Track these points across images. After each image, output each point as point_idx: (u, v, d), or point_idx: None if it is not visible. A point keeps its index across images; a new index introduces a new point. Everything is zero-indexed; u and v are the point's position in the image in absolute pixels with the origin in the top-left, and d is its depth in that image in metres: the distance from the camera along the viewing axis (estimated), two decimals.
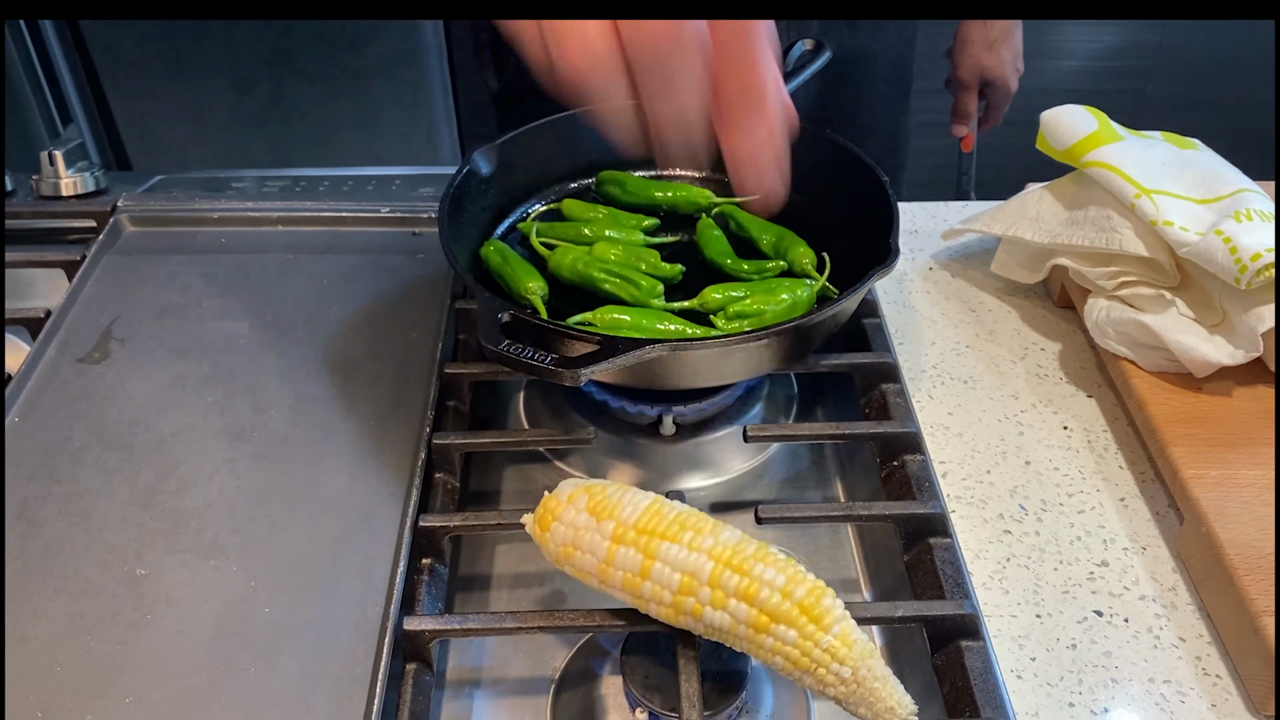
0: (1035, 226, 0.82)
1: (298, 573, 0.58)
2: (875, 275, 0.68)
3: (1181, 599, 0.63)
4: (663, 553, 0.51)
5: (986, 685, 0.54)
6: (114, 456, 0.65)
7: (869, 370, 0.73)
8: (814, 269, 0.76)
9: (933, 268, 0.91)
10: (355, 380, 0.71)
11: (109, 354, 0.73)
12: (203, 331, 0.75)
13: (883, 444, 0.68)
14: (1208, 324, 0.73)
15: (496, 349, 0.63)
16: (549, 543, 0.54)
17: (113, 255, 0.82)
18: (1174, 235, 0.72)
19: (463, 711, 0.61)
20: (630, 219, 0.82)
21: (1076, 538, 0.67)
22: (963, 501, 0.70)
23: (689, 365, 0.66)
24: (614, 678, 0.60)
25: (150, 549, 0.60)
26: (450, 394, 0.71)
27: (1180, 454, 0.67)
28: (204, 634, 0.55)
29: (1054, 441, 0.74)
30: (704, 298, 0.73)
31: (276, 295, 0.78)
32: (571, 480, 0.56)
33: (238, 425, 0.67)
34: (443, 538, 0.62)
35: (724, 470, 0.75)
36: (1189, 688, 0.58)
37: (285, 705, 0.52)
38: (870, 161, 0.78)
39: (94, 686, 0.53)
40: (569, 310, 0.74)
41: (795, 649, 0.48)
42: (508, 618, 0.57)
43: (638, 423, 0.75)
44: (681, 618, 0.51)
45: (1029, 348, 0.82)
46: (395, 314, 0.76)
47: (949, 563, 0.61)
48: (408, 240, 0.84)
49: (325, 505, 0.62)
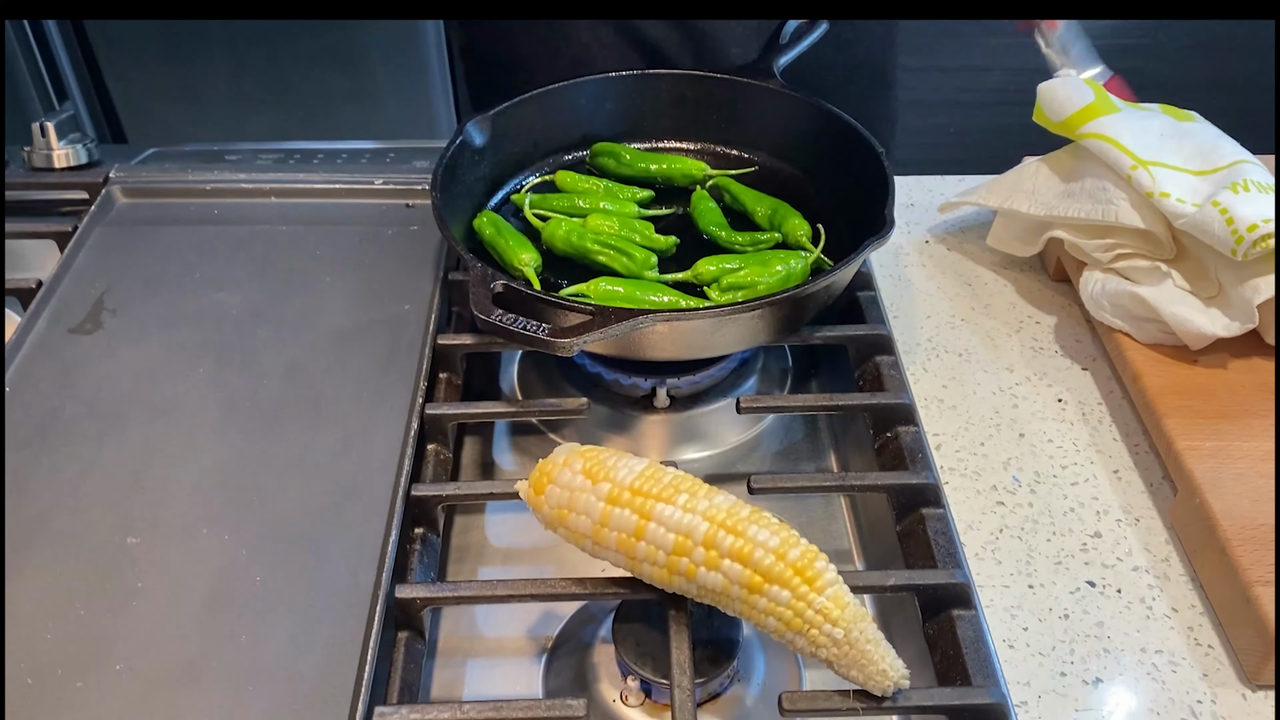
0: (1031, 199, 0.82)
1: (289, 542, 0.58)
2: (870, 246, 0.68)
3: (1174, 570, 0.63)
4: (658, 513, 0.51)
5: (978, 654, 0.54)
6: (105, 426, 0.65)
7: (863, 342, 0.73)
8: (808, 241, 0.76)
9: (928, 241, 0.91)
10: (348, 351, 0.70)
11: (101, 324, 0.72)
12: (195, 302, 0.74)
13: (876, 415, 0.68)
14: (1203, 296, 0.73)
15: (489, 319, 0.63)
16: (543, 505, 0.54)
17: (105, 226, 0.82)
18: (1171, 207, 0.72)
19: (455, 680, 0.61)
20: (624, 191, 0.82)
21: (1070, 509, 0.67)
22: (956, 473, 0.69)
23: (682, 337, 0.66)
24: (606, 646, 0.60)
25: (141, 518, 0.59)
26: (443, 365, 0.71)
27: (1175, 426, 0.67)
28: (195, 603, 0.55)
29: (1048, 414, 0.74)
30: (698, 269, 0.73)
31: (269, 266, 0.78)
32: (567, 445, 0.56)
33: (229, 395, 0.67)
34: (435, 507, 0.62)
35: (717, 442, 0.75)
36: (1181, 658, 0.58)
37: (276, 673, 0.52)
38: (866, 132, 0.78)
39: (85, 655, 0.53)
40: (562, 282, 0.74)
41: (788, 610, 0.48)
42: (500, 585, 0.57)
43: (631, 395, 0.75)
44: (675, 579, 0.51)
45: (1024, 321, 0.82)
46: (388, 285, 0.75)
47: (941, 533, 0.61)
48: (401, 212, 0.83)
49: (317, 475, 0.62)
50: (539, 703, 0.51)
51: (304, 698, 0.51)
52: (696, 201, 0.80)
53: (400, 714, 0.51)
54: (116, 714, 0.50)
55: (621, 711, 0.57)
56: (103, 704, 0.50)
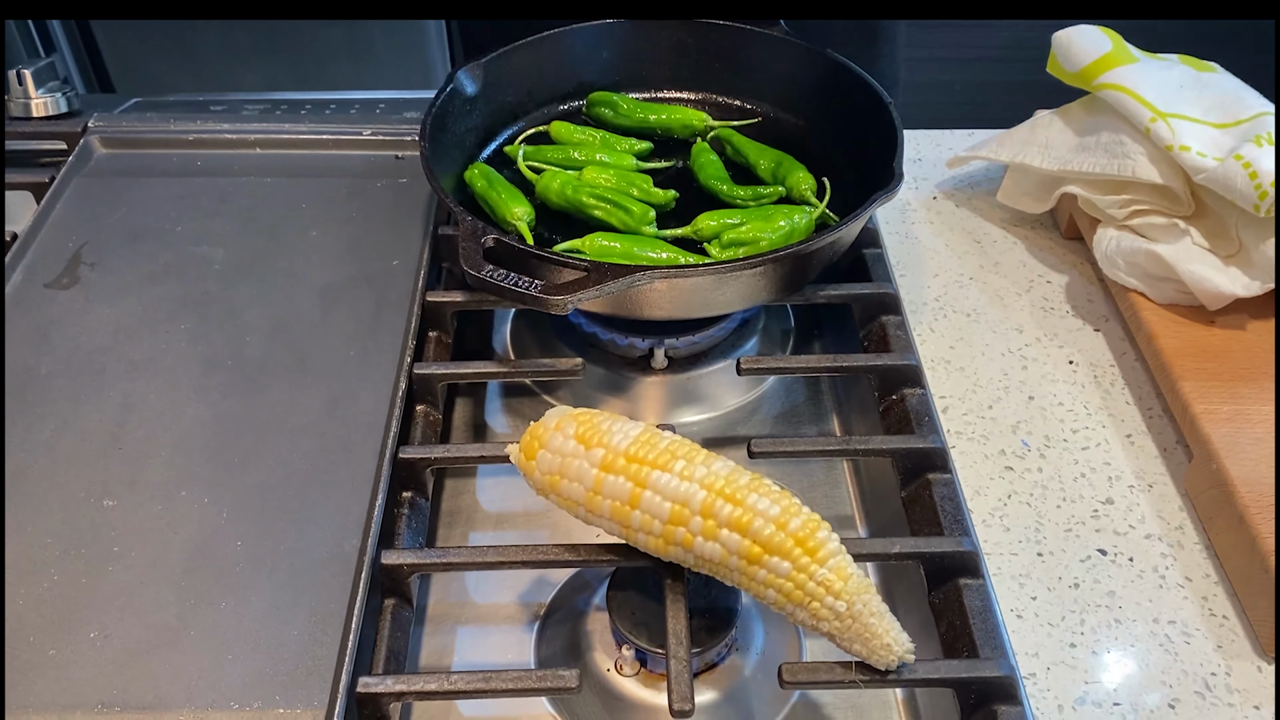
0: (1044, 153, 0.79)
1: (271, 505, 0.56)
2: (878, 200, 0.65)
3: (1188, 538, 0.61)
4: (653, 481, 0.48)
5: (986, 624, 0.52)
6: (82, 385, 0.62)
7: (869, 301, 0.70)
8: (813, 195, 0.73)
9: (936, 197, 0.88)
10: (334, 308, 0.68)
11: (78, 279, 0.70)
12: (176, 256, 0.72)
13: (882, 377, 0.66)
14: (1223, 254, 0.70)
15: (479, 275, 0.61)
16: (534, 471, 0.52)
17: (83, 178, 0.79)
18: (1190, 161, 0.69)
19: (445, 647, 0.60)
20: (622, 142, 0.79)
21: (1081, 474, 0.65)
22: (963, 437, 0.67)
23: (681, 295, 0.64)
24: (600, 614, 0.58)
25: (119, 479, 0.57)
26: (432, 323, 0.68)
27: (1191, 389, 0.65)
28: (173, 567, 0.53)
29: (1059, 376, 0.71)
30: (698, 225, 0.70)
31: (253, 219, 0.75)
32: (560, 408, 0.54)
33: (211, 353, 0.65)
34: (423, 470, 0.60)
35: (717, 405, 0.73)
36: (1194, 628, 0.57)
37: (257, 640, 0.50)
38: (873, 82, 0.75)
39: (58, 621, 0.51)
40: (556, 237, 0.72)
41: (788, 581, 0.46)
42: (490, 552, 0.55)
43: (628, 355, 0.72)
44: (671, 549, 0.49)
45: (1034, 280, 0.80)
46: (376, 240, 0.73)
47: (948, 499, 0.58)
48: (390, 164, 0.80)
49: (301, 436, 0.60)
50: (529, 673, 0.50)
51: (286, 666, 0.49)
52: (697, 154, 0.77)
53: (385, 684, 0.49)
54: (91, 682, 0.48)
55: (616, 681, 0.56)
56: (77, 671, 0.49)
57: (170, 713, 0.47)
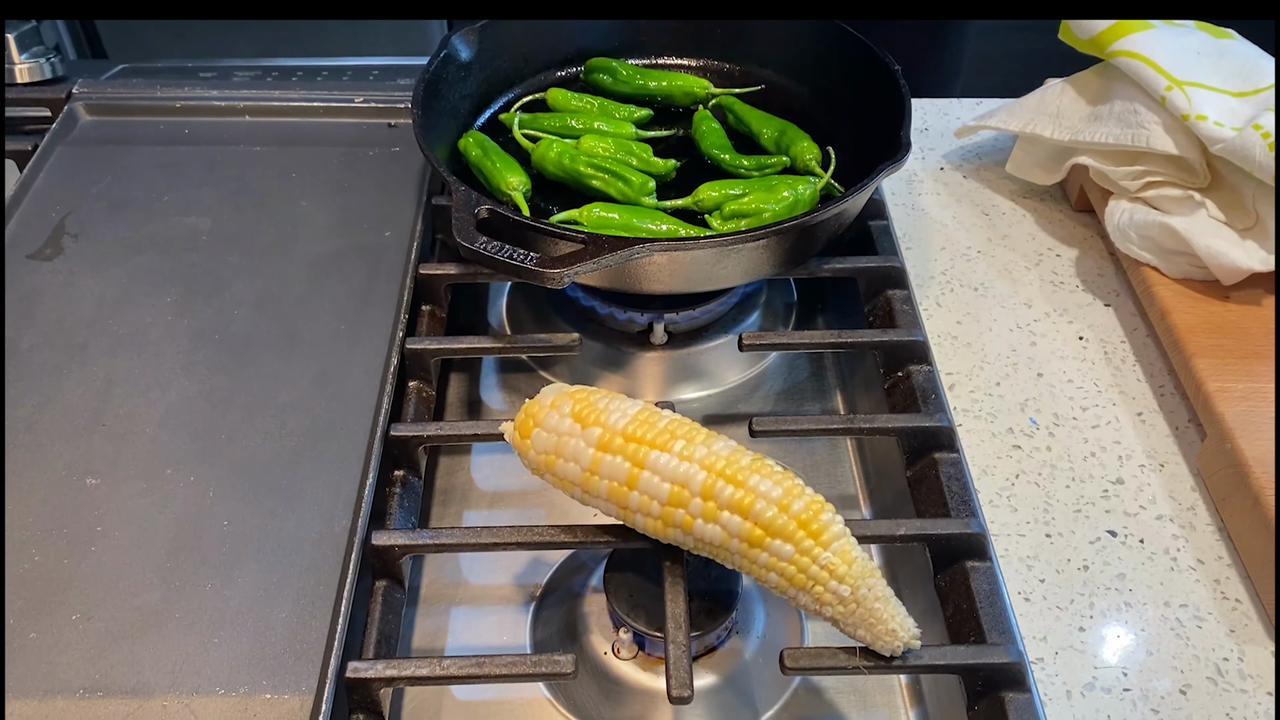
0: (1055, 123, 0.77)
1: (259, 483, 0.55)
2: (884, 171, 0.63)
3: (1200, 519, 0.60)
4: (652, 461, 0.47)
5: (993, 608, 0.51)
6: (65, 359, 0.61)
7: (874, 275, 0.69)
8: (818, 165, 0.71)
9: (944, 168, 0.86)
10: (324, 280, 0.66)
11: (61, 250, 0.68)
12: (162, 227, 0.70)
13: (887, 353, 0.64)
14: (1239, 227, 0.68)
15: (473, 247, 0.59)
16: (529, 450, 0.50)
17: (67, 145, 0.77)
18: (1207, 131, 0.67)
19: (439, 628, 0.58)
20: (621, 110, 0.77)
21: (1090, 454, 0.63)
22: (970, 415, 0.66)
23: (681, 268, 0.62)
24: (597, 596, 0.56)
25: (102, 457, 0.56)
26: (425, 297, 0.66)
27: (1205, 366, 0.63)
28: (158, 547, 0.52)
29: (1068, 352, 0.70)
30: (699, 195, 0.68)
31: (242, 189, 0.73)
32: (555, 385, 0.52)
33: (198, 326, 0.63)
34: (416, 448, 0.58)
35: (717, 381, 0.71)
36: (1207, 612, 0.55)
37: (244, 622, 0.49)
38: (879, 50, 0.73)
39: (39, 602, 0.49)
40: (553, 208, 0.70)
41: (791, 565, 0.44)
42: (484, 533, 0.53)
43: (627, 330, 0.71)
44: (670, 531, 0.47)
45: (1044, 253, 0.78)
46: (368, 210, 0.71)
47: (955, 479, 0.57)
48: (383, 132, 0.78)
49: (289, 412, 0.58)
50: (524, 658, 0.48)
51: (273, 650, 0.48)
52: (698, 122, 0.75)
53: (376, 669, 0.48)
54: (73, 666, 0.47)
55: (613, 665, 0.54)
56: (59, 655, 0.47)
57: (155, 698, 0.46)
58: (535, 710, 0.54)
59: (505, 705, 0.55)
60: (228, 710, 0.46)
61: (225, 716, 0.45)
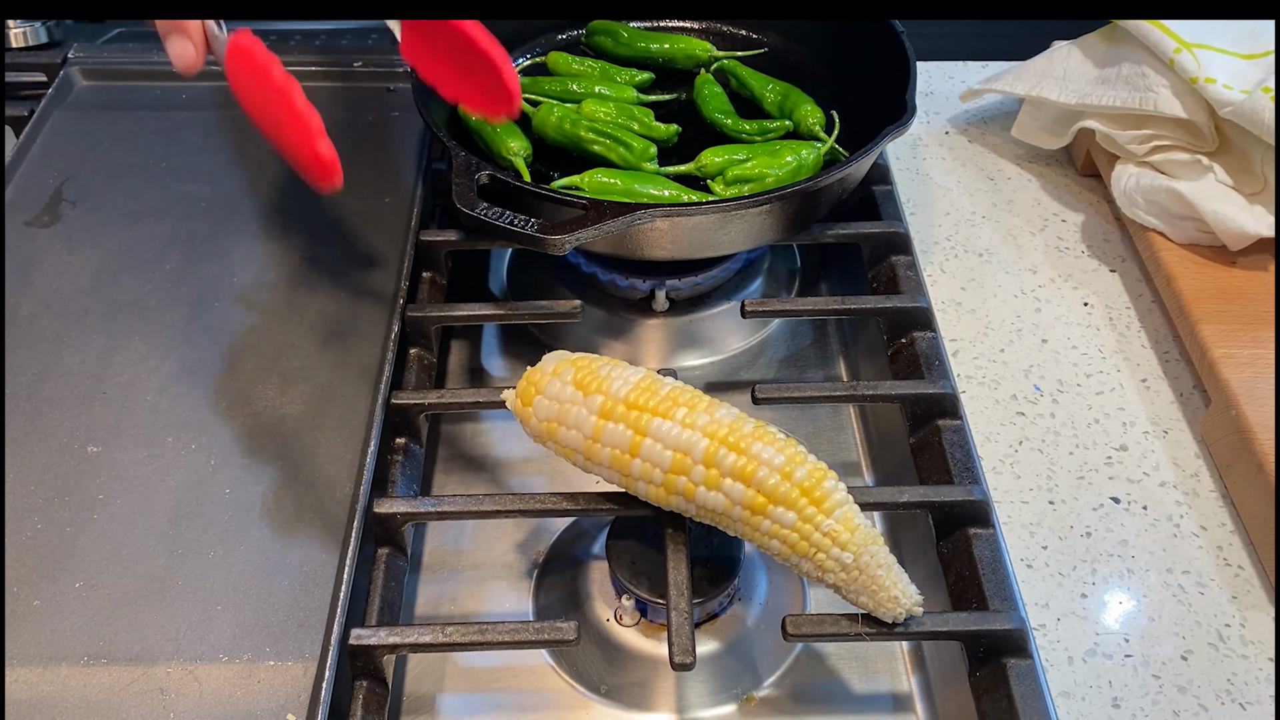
0: (1062, 86, 0.76)
1: (260, 451, 0.54)
2: (889, 135, 0.63)
3: (1204, 486, 0.60)
4: (654, 429, 0.47)
5: (995, 575, 0.51)
6: (65, 326, 0.60)
7: (878, 241, 0.68)
8: (822, 129, 0.71)
9: (949, 132, 0.85)
10: (324, 247, 0.66)
11: (60, 217, 0.68)
12: (161, 193, 0.69)
13: (891, 319, 0.64)
14: (1247, 192, 0.67)
15: (473, 213, 0.58)
16: (531, 418, 0.50)
17: (63, 111, 0.76)
18: (1216, 93, 0.66)
19: (442, 596, 0.59)
20: (622, 74, 0.76)
21: (1094, 420, 0.63)
22: (974, 381, 0.65)
23: (684, 234, 0.61)
24: (600, 563, 0.56)
25: (103, 424, 0.55)
26: (426, 264, 0.66)
27: (1210, 332, 0.62)
28: (160, 516, 0.52)
29: (1073, 319, 0.69)
30: (701, 161, 0.67)
31: (241, 155, 0.72)
32: (557, 353, 0.52)
33: (198, 293, 0.63)
34: (417, 416, 0.58)
35: (720, 348, 0.71)
36: (1209, 578, 0.55)
37: (246, 590, 0.49)
38: None
39: (42, 570, 0.49)
40: (554, 174, 0.69)
41: (793, 532, 0.44)
42: (486, 500, 0.53)
43: (629, 297, 0.70)
44: (672, 498, 0.47)
45: (1049, 219, 0.77)
46: (368, 177, 0.70)
47: (958, 445, 0.57)
48: (382, 97, 0.77)
49: (290, 380, 0.58)
50: (527, 624, 0.48)
51: (277, 618, 0.48)
52: (701, 86, 0.74)
53: (379, 635, 0.48)
54: (77, 633, 0.47)
55: (615, 631, 0.54)
56: (62, 623, 0.48)
57: (158, 665, 0.46)
58: (538, 677, 0.54)
59: (508, 672, 0.55)
60: (231, 677, 0.46)
61: (228, 683, 0.46)
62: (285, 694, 0.45)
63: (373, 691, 0.48)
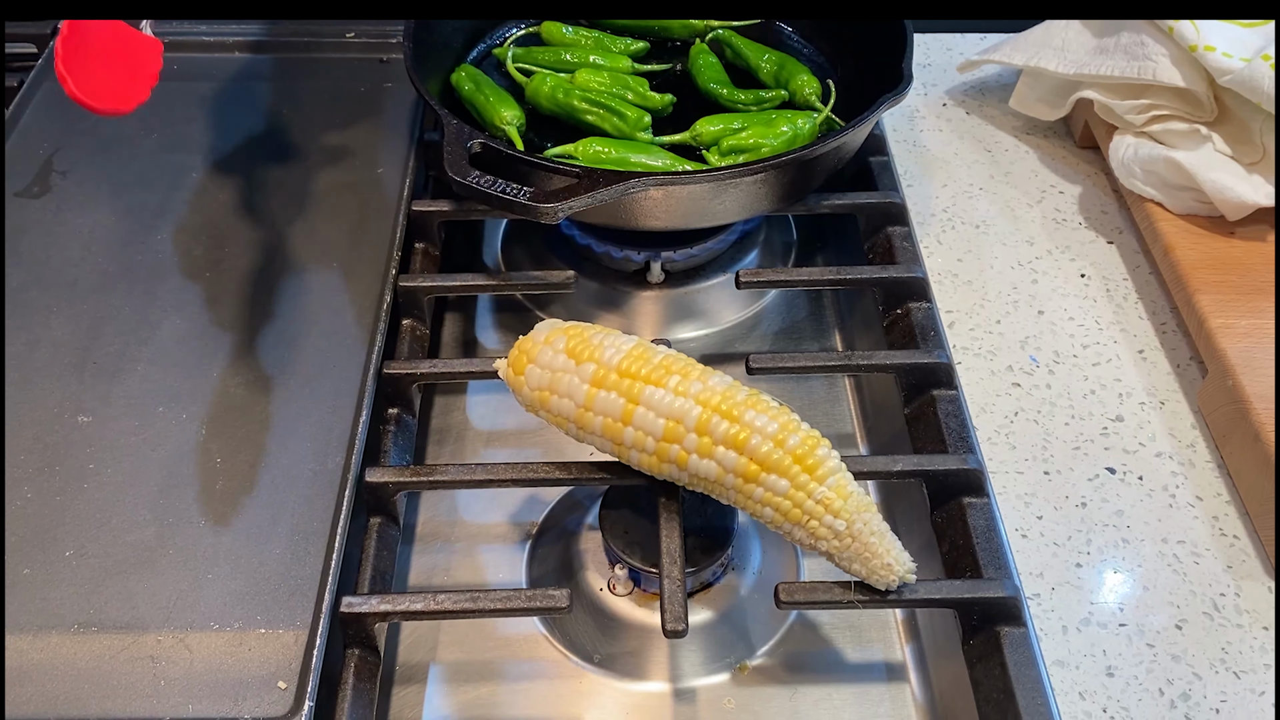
0: (1060, 56, 0.75)
1: (251, 421, 0.54)
2: (885, 103, 0.62)
3: (1200, 456, 0.59)
4: (647, 397, 0.46)
5: (989, 544, 0.51)
6: (55, 297, 0.60)
7: (874, 211, 0.68)
8: (817, 99, 0.70)
9: (946, 104, 0.84)
10: (316, 218, 0.65)
11: (50, 188, 0.67)
12: (151, 165, 0.69)
13: (886, 290, 0.63)
14: (1245, 161, 0.67)
15: (465, 181, 0.58)
16: (523, 387, 0.50)
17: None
18: (1215, 62, 0.66)
19: (435, 566, 0.58)
20: (616, 43, 0.75)
21: (1090, 391, 0.63)
22: (970, 352, 0.65)
23: (678, 203, 0.61)
24: (593, 533, 0.56)
25: (93, 394, 0.55)
26: (419, 234, 0.66)
27: (1207, 302, 0.62)
28: (151, 484, 0.51)
29: (1070, 290, 0.69)
30: (696, 130, 0.67)
31: (231, 126, 0.72)
32: (549, 321, 0.51)
33: (188, 264, 0.62)
34: (409, 386, 0.58)
35: (715, 320, 0.70)
36: (1204, 548, 0.55)
37: (237, 559, 0.49)
38: None
39: (32, 539, 0.49)
40: (547, 143, 0.69)
41: (787, 500, 0.44)
42: (478, 469, 0.53)
43: (623, 269, 0.70)
44: (665, 466, 0.47)
45: (1047, 190, 0.76)
46: (360, 147, 0.70)
47: (953, 415, 0.56)
48: (375, 68, 0.77)
49: (282, 349, 0.58)
50: (519, 592, 0.48)
51: (268, 586, 0.48)
52: (695, 56, 0.74)
53: (370, 603, 0.48)
54: (66, 601, 0.47)
55: (608, 600, 0.54)
56: (53, 591, 0.47)
57: (149, 633, 0.46)
58: (531, 646, 0.54)
59: (501, 641, 0.55)
60: (222, 645, 0.46)
61: (220, 651, 0.45)
62: (276, 662, 0.45)
63: (364, 660, 0.48)
